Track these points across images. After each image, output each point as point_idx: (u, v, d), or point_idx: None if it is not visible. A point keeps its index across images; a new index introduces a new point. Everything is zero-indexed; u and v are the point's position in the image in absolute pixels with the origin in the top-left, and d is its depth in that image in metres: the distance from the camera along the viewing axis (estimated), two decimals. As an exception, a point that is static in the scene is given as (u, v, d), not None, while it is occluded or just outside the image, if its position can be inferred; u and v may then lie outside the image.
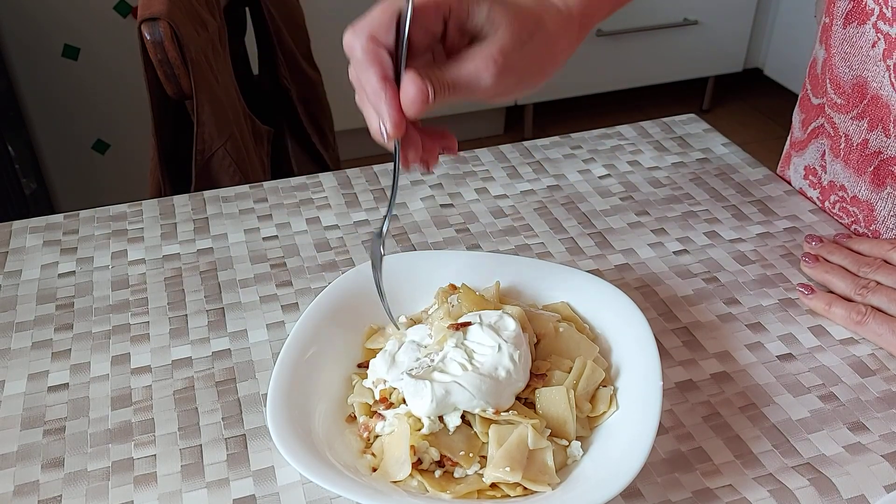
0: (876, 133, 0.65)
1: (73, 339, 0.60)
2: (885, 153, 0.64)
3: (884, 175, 0.65)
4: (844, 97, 0.67)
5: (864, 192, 0.67)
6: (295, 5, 1.32)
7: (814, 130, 0.72)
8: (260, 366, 0.57)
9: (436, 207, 0.74)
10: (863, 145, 0.66)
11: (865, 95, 0.64)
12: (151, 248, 0.69)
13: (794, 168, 0.77)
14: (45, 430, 0.53)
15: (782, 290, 0.64)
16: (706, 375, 0.56)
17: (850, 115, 0.66)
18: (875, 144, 0.65)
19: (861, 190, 0.67)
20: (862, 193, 0.67)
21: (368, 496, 0.44)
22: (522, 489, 0.46)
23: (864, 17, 0.63)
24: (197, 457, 0.51)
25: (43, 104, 1.93)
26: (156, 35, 0.89)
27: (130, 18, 1.88)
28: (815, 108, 0.72)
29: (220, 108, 0.98)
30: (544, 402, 0.50)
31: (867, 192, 0.67)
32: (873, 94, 0.64)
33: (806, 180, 0.75)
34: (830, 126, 0.69)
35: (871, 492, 0.48)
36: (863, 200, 0.67)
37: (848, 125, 0.67)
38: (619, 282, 0.64)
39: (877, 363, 0.57)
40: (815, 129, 0.72)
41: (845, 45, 0.66)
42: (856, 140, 0.66)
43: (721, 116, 2.56)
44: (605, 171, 0.79)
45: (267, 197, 0.76)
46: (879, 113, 0.64)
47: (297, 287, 0.65)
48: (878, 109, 0.64)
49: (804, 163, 0.75)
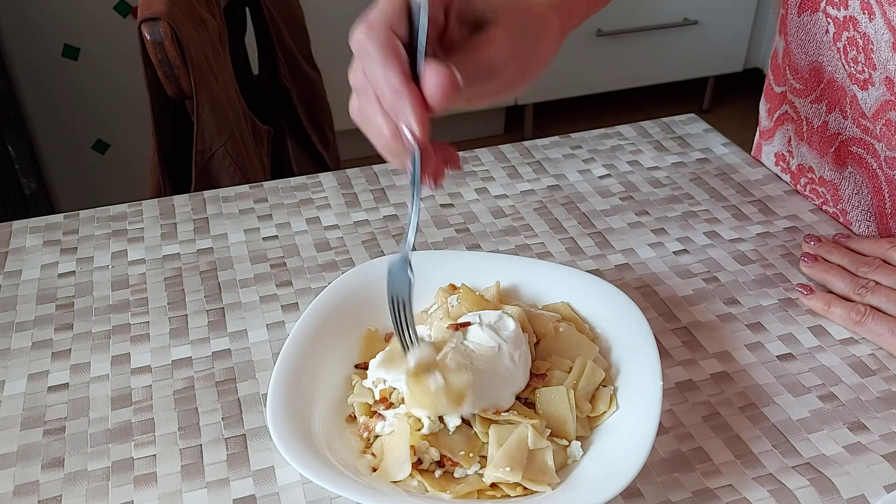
0: (834, 115, 0.67)
1: (73, 339, 0.60)
2: (843, 134, 0.67)
3: (844, 155, 0.67)
4: (803, 82, 0.69)
5: (828, 173, 0.69)
6: (295, 5, 1.32)
7: (780, 118, 0.75)
8: (260, 366, 0.57)
9: (436, 207, 0.74)
10: (823, 127, 0.68)
11: (822, 80, 0.67)
12: (151, 248, 0.69)
13: (766, 156, 0.79)
14: (45, 430, 0.53)
15: (782, 289, 0.64)
16: (706, 375, 0.56)
17: (809, 98, 0.69)
18: (834, 126, 0.67)
19: (825, 171, 0.70)
20: (826, 174, 0.69)
21: (368, 496, 0.44)
22: (522, 489, 0.46)
23: (816, 5, 0.65)
24: (197, 457, 0.51)
25: (43, 104, 1.93)
26: (156, 35, 0.89)
27: (130, 18, 1.88)
28: (778, 97, 0.74)
29: (220, 108, 0.98)
30: (544, 402, 0.50)
31: (831, 173, 0.69)
32: (829, 79, 0.66)
33: (777, 167, 0.77)
34: (793, 111, 0.72)
35: (871, 492, 0.48)
36: (828, 181, 0.70)
37: (808, 109, 0.70)
38: (619, 282, 0.64)
39: (877, 363, 0.57)
40: (781, 116, 0.74)
41: (801, 33, 0.68)
42: (816, 123, 0.69)
43: (721, 116, 2.56)
44: (605, 171, 0.79)
45: (267, 197, 0.76)
46: (836, 96, 0.66)
47: (297, 287, 0.65)
48: (835, 92, 0.66)
49: (773, 150, 0.77)
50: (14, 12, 1.81)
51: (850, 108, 0.64)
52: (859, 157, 0.65)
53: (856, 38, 0.60)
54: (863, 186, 0.66)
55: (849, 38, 0.61)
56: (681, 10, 2.33)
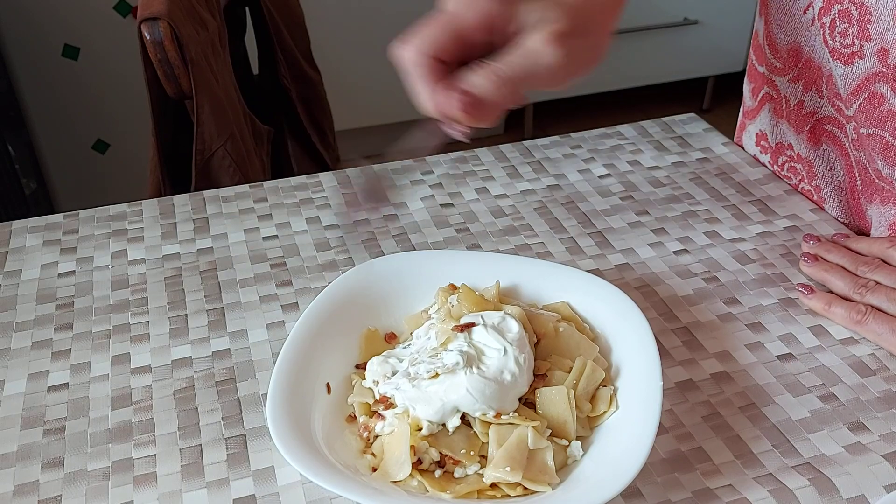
0: (810, 94, 0.69)
1: (73, 338, 0.60)
2: (819, 113, 0.69)
3: (819, 133, 0.69)
4: (782, 61, 0.71)
5: (804, 150, 0.72)
6: (295, 5, 1.32)
7: (763, 97, 0.77)
8: (260, 366, 0.57)
9: (436, 207, 0.74)
10: (799, 106, 0.70)
11: (800, 60, 0.69)
12: (151, 248, 0.69)
13: (748, 135, 0.81)
14: (45, 430, 0.53)
15: (782, 289, 0.64)
16: (706, 375, 0.56)
17: (788, 77, 0.71)
18: (809, 105, 0.69)
19: (802, 148, 0.72)
20: (803, 151, 0.72)
21: (368, 496, 0.44)
22: (522, 489, 0.46)
23: None
24: (197, 457, 0.51)
25: (43, 104, 1.93)
26: (156, 35, 0.89)
27: (130, 18, 1.88)
28: (760, 76, 0.76)
29: (220, 108, 0.98)
30: (544, 402, 0.50)
31: (806, 150, 0.71)
32: (806, 58, 0.68)
33: (758, 146, 0.79)
34: (773, 89, 0.74)
35: (871, 492, 0.48)
36: (804, 158, 0.72)
37: (786, 87, 0.72)
38: (619, 282, 0.64)
39: (877, 363, 0.57)
40: (764, 96, 0.76)
41: (780, 14, 0.70)
42: (793, 101, 0.71)
43: (721, 116, 2.56)
44: (605, 171, 0.79)
45: (267, 197, 0.76)
46: (813, 76, 0.68)
47: (297, 287, 0.65)
48: (812, 72, 0.68)
49: (756, 129, 0.79)
50: (14, 12, 1.81)
51: (826, 88, 0.67)
52: (833, 136, 0.68)
53: (849, 10, 0.61)
54: (836, 163, 0.69)
55: (840, 10, 0.62)
56: (681, 10, 2.33)
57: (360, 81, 2.10)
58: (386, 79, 2.12)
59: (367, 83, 2.11)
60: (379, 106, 2.11)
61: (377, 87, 2.10)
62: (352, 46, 2.07)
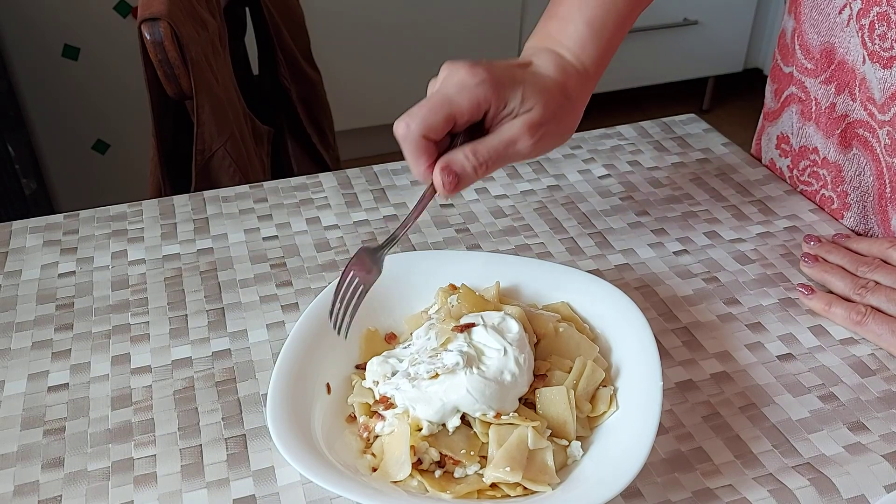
0: (843, 97, 0.68)
1: (73, 339, 0.60)
2: (851, 116, 0.68)
3: (850, 137, 0.68)
4: (814, 62, 0.70)
5: (833, 154, 0.70)
6: (295, 5, 1.32)
7: (787, 98, 0.75)
8: (260, 366, 0.57)
9: (436, 207, 0.74)
10: (830, 108, 0.69)
11: (833, 61, 0.68)
12: (151, 248, 0.69)
13: (768, 138, 0.80)
14: (45, 430, 0.53)
15: (782, 289, 0.64)
16: (706, 375, 0.56)
17: (819, 79, 0.70)
18: (842, 108, 0.68)
19: (830, 151, 0.70)
20: (831, 155, 0.70)
21: (368, 496, 0.44)
22: (522, 489, 0.46)
23: None
24: (197, 457, 0.51)
25: (43, 104, 1.93)
26: (156, 35, 0.89)
27: (130, 18, 1.88)
28: (786, 77, 0.75)
29: (220, 108, 0.98)
30: (544, 402, 0.50)
31: (836, 154, 0.70)
32: (840, 60, 0.67)
33: (778, 149, 0.78)
34: (801, 90, 0.73)
35: (871, 492, 0.48)
36: (832, 162, 0.70)
37: (817, 89, 0.71)
38: (619, 282, 0.64)
39: (877, 363, 0.57)
40: (788, 97, 0.75)
41: (814, 13, 0.69)
42: (824, 104, 0.70)
43: (721, 116, 2.56)
44: (605, 171, 0.79)
45: (267, 197, 0.76)
46: (846, 78, 0.67)
47: (297, 287, 0.65)
48: (845, 75, 0.67)
49: (777, 131, 0.77)
50: (14, 12, 1.81)
51: (860, 91, 0.65)
52: (865, 140, 0.67)
53: (888, 13, 0.61)
54: (865, 168, 0.68)
55: (879, 13, 0.62)
56: (681, 10, 2.33)
57: (360, 81, 2.10)
58: (386, 79, 2.12)
59: (367, 83, 2.11)
60: (379, 106, 2.11)
61: (377, 87, 2.10)
62: (352, 46, 2.07)
